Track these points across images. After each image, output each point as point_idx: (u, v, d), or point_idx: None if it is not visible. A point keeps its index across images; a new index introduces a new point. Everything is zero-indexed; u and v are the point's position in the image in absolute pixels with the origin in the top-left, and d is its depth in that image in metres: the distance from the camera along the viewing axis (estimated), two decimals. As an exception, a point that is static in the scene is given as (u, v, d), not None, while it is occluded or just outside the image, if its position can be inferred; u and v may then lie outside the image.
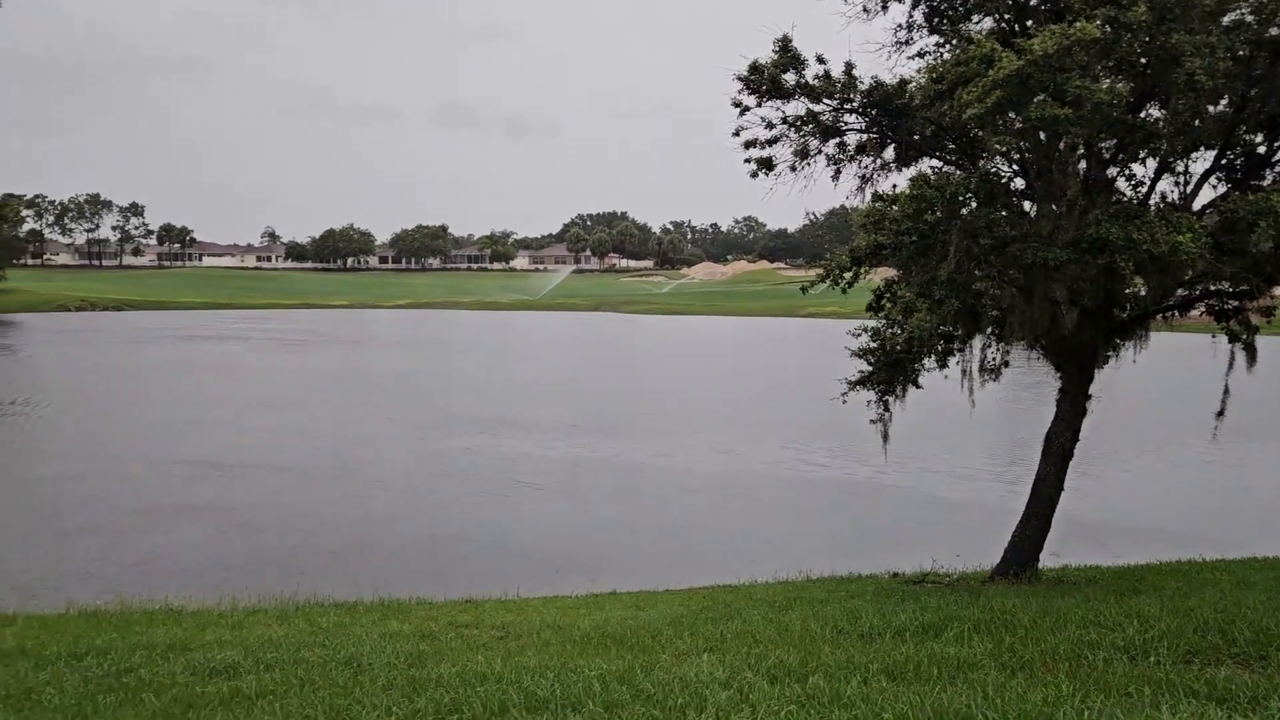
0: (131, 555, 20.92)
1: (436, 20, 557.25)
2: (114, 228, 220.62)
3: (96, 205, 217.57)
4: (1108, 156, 12.75)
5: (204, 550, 21.43)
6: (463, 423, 39.42)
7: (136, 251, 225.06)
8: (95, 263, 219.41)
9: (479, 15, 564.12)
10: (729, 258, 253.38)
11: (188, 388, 51.20)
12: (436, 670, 8.45)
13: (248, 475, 29.10)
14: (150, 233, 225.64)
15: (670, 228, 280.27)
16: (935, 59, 13.41)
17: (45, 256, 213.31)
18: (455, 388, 54.39)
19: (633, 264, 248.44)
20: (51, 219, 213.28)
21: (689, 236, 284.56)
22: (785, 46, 13.33)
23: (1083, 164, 12.68)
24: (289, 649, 9.87)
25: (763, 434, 37.37)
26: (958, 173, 13.13)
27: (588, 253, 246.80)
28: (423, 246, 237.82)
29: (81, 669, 9.07)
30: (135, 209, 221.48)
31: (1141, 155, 12.74)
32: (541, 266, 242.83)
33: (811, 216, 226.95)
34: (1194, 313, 14.37)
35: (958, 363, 14.80)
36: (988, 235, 12.00)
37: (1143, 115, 12.16)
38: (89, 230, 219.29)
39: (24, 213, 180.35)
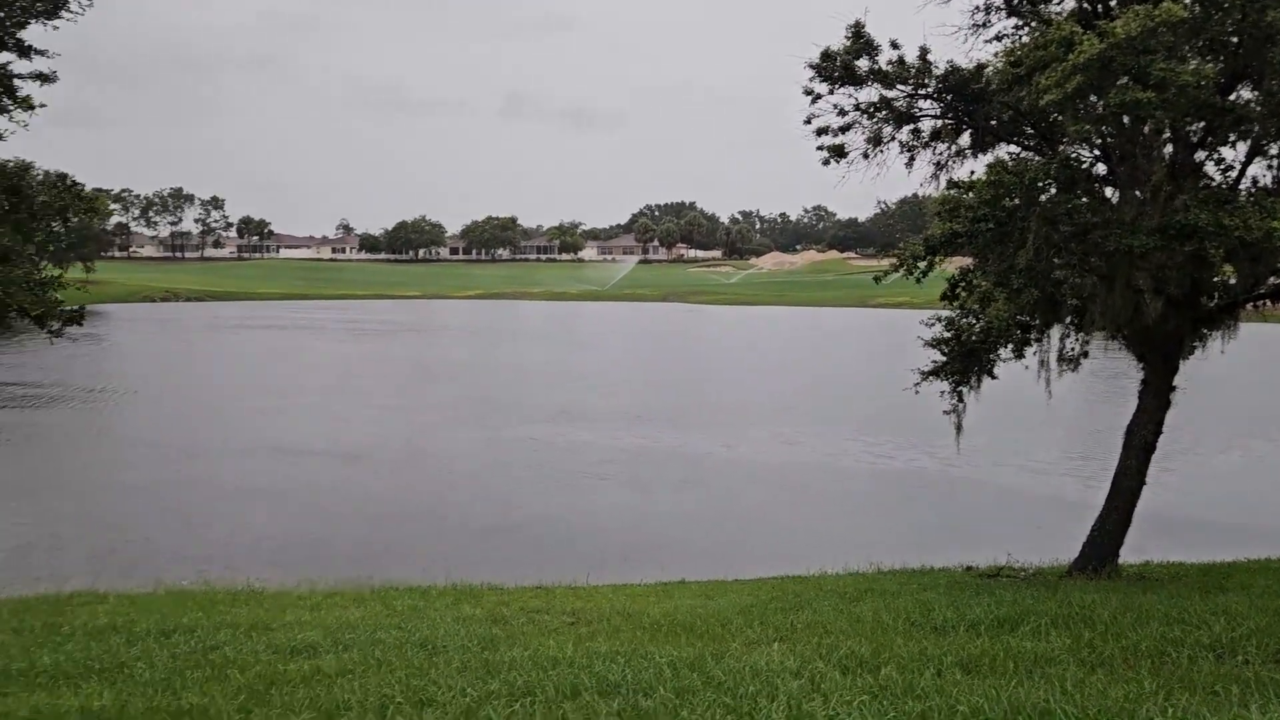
0: (212, 538, 21.58)
1: (500, 12, 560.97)
2: (196, 220, 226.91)
3: (179, 199, 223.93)
4: (1195, 140, 12.33)
5: (280, 533, 22.01)
6: (529, 412, 39.79)
7: (217, 244, 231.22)
8: (178, 255, 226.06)
9: (542, 6, 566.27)
10: (798, 247, 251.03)
11: (265, 375, 52.56)
12: (509, 654, 8.57)
13: (321, 461, 29.80)
14: (230, 225, 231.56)
15: (739, 218, 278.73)
16: (1013, 42, 13.12)
17: (131, 249, 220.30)
18: (522, 377, 54.90)
19: (701, 254, 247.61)
20: (137, 212, 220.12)
21: (757, 226, 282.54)
22: (858, 32, 13.15)
23: (1169, 148, 12.29)
24: (366, 630, 10.10)
25: (829, 425, 37.03)
26: (1036, 159, 12.84)
27: (655, 243, 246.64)
28: (492, 238, 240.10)
29: (170, 645, 9.38)
30: (216, 202, 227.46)
31: (1232, 139, 12.29)
32: (609, 257, 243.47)
33: (882, 205, 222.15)
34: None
35: (1034, 353, 14.49)
36: (1068, 222, 11.70)
37: (1233, 97, 11.73)
38: (172, 223, 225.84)
39: (112, 206, 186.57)
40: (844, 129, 13.68)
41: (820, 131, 13.67)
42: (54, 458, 30.36)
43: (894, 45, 13.25)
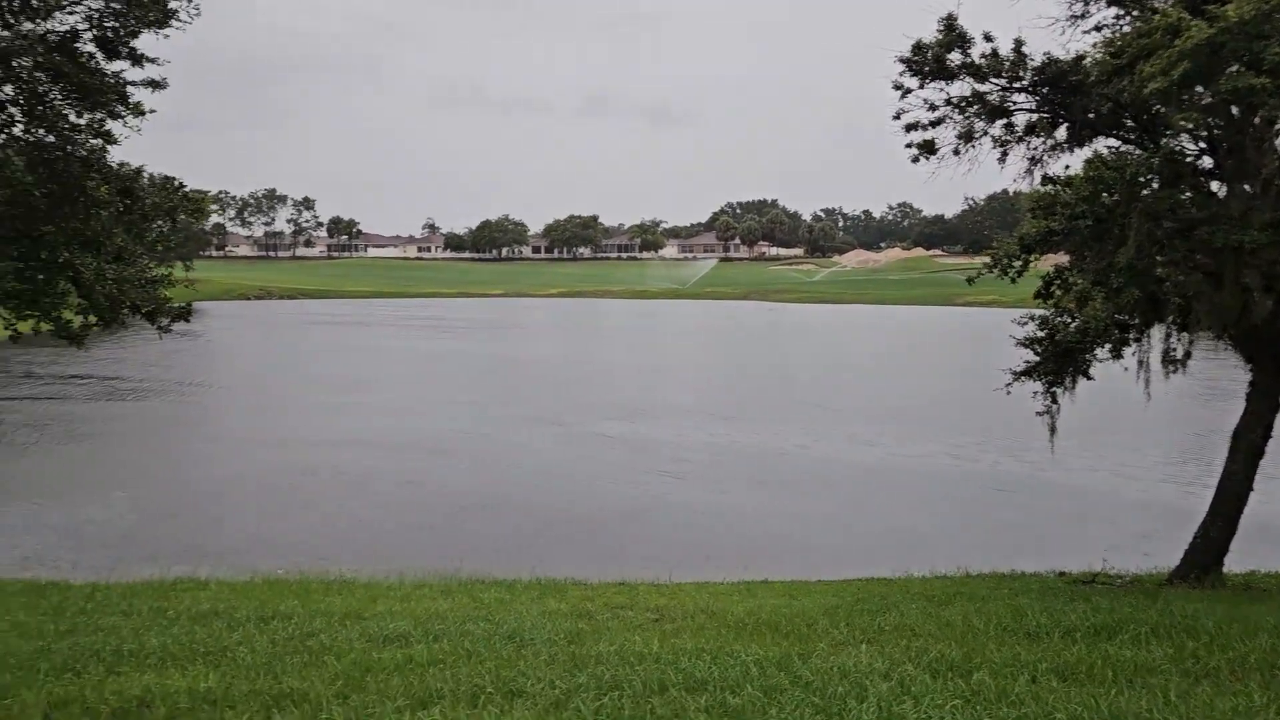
0: (303, 527, 22.22)
1: (580, 11, 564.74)
2: (288, 221, 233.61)
3: (273, 200, 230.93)
4: (1311, 130, 11.79)
5: (368, 525, 22.54)
6: (610, 409, 40.01)
7: (308, 243, 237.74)
8: (271, 254, 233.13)
9: (623, 5, 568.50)
10: (882, 245, 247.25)
11: (353, 370, 53.87)
12: (596, 648, 8.64)
13: (405, 455, 30.41)
14: (320, 225, 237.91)
15: (821, 215, 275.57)
16: (1114, 32, 12.71)
17: (227, 248, 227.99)
18: (604, 374, 55.23)
19: (783, 252, 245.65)
20: (233, 213, 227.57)
21: (840, 224, 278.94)
22: (950, 25, 12.91)
23: (1280, 140, 11.78)
24: (455, 621, 10.29)
25: (913, 424, 36.41)
26: (1138, 152, 12.42)
27: (736, 241, 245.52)
28: (574, 236, 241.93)
29: (269, 631, 9.70)
30: (307, 203, 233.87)
31: (1350, 129, 11.72)
32: (690, 255, 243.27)
33: (971, 201, 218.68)
34: None
35: (1133, 353, 14.04)
36: (1172, 218, 11.29)
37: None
38: (266, 223, 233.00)
39: (212, 206, 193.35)
40: (934, 124, 13.43)
41: (910, 127, 13.44)
42: (154, 448, 31.61)
43: (987, 38, 12.97)
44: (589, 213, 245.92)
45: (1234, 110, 11.01)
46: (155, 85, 10.40)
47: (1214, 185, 12.16)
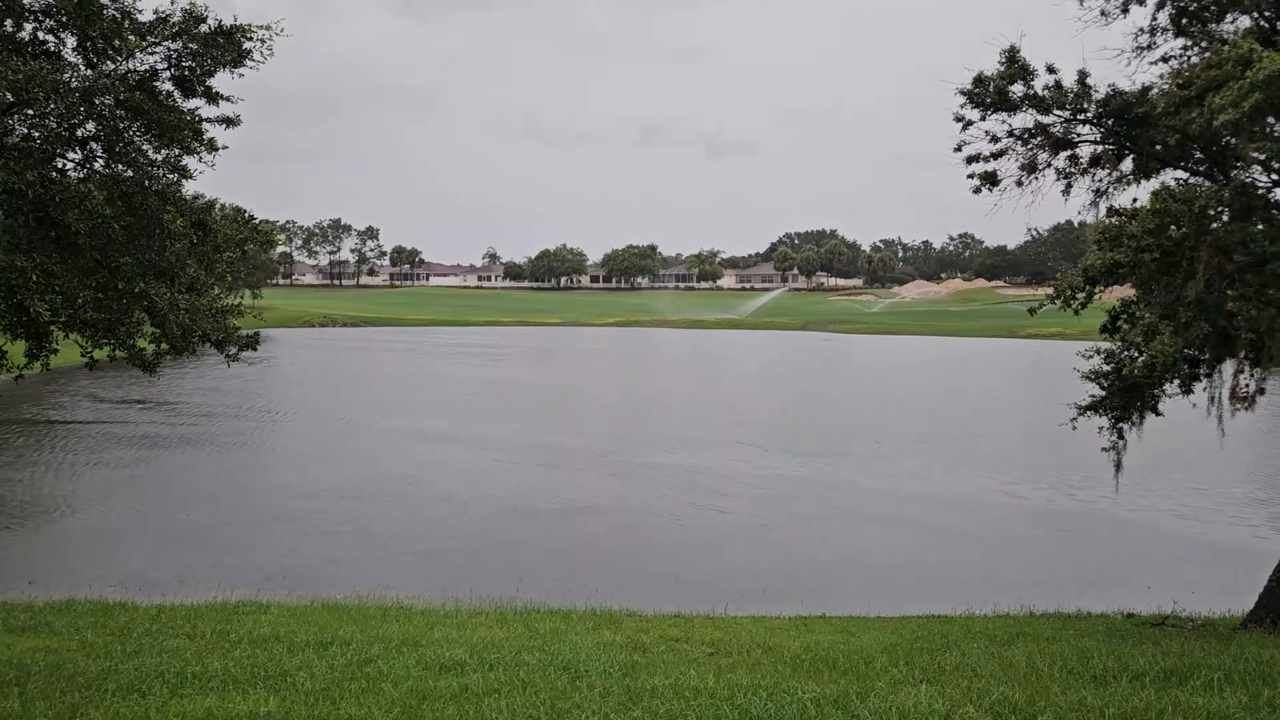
0: (359, 553, 22.49)
1: (635, 45, 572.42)
2: (352, 250, 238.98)
3: (338, 229, 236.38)
4: (1388, 162, 11.45)
5: (422, 553, 22.73)
6: (664, 440, 39.95)
7: (371, 271, 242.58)
8: (336, 282, 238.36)
9: (678, 38, 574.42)
10: (943, 276, 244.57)
11: (409, 397, 54.58)
12: (651, 681, 8.60)
13: (466, 481, 30.66)
14: (384, 254, 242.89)
15: (880, 245, 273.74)
16: (1181, 63, 12.51)
17: (294, 277, 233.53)
18: (659, 405, 55.22)
19: (841, 282, 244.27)
20: (300, 242, 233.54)
21: (900, 254, 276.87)
22: (1012, 57, 12.80)
23: (1358, 171, 11.45)
24: (510, 651, 10.33)
25: (976, 458, 35.76)
26: (1207, 184, 12.17)
27: (795, 271, 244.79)
28: (632, 266, 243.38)
29: (328, 657, 9.83)
30: (371, 232, 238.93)
31: None
32: (747, 285, 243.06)
33: (1034, 232, 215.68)
34: None
35: (1204, 389, 13.67)
36: (1243, 252, 11.03)
37: None
38: (331, 252, 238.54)
39: (279, 236, 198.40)
40: (996, 156, 13.31)
41: (971, 159, 13.33)
42: (215, 472, 32.29)
43: (1050, 69, 12.84)
44: (646, 242, 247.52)
45: (1309, 142, 10.75)
46: (229, 122, 10.76)
47: (1288, 218, 11.86)
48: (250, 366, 60.69)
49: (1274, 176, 11.98)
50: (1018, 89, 12.89)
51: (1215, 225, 11.26)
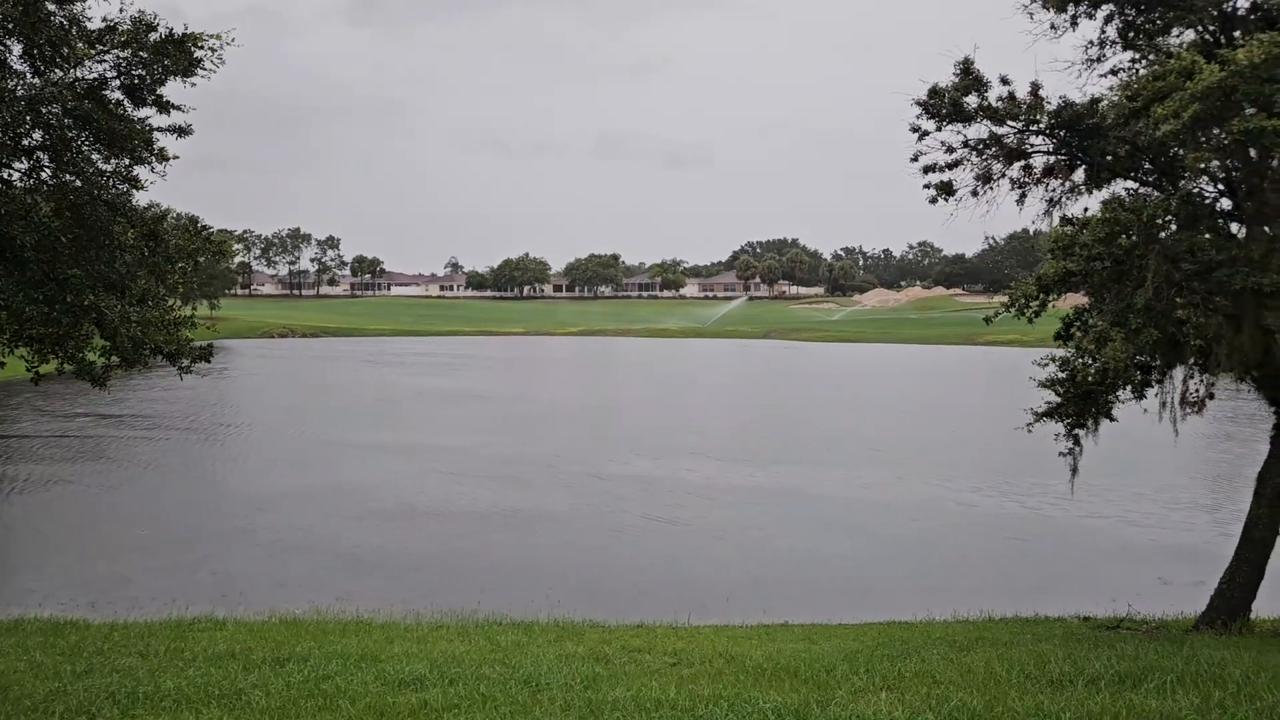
0: (317, 567, 22.21)
1: (598, 57, 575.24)
2: (312, 259, 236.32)
3: (297, 239, 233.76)
4: (1330, 173, 11.74)
5: (382, 566, 22.49)
6: (629, 450, 39.92)
7: (332, 281, 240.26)
8: (295, 292, 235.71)
9: (639, 51, 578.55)
10: (902, 284, 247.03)
11: (366, 409, 54.08)
12: (612, 694, 8.56)
13: (427, 497, 30.41)
14: (344, 264, 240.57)
15: (841, 254, 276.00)
16: (1130, 76, 12.76)
17: (252, 287, 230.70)
18: (619, 415, 55.18)
19: (803, 291, 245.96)
20: (258, 252, 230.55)
21: (861, 263, 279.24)
22: (967, 69, 12.98)
23: (1299, 181, 11.72)
24: (471, 665, 10.24)
25: (934, 465, 36.10)
26: (1155, 194, 12.41)
27: (757, 280, 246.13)
28: (595, 275, 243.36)
29: (284, 674, 9.68)
30: (331, 242, 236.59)
31: (1370, 172, 11.66)
32: (710, 294, 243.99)
33: (991, 241, 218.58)
34: None
35: (1156, 394, 13.92)
36: (1190, 260, 11.25)
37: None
38: (290, 262, 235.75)
39: (236, 247, 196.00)
40: (952, 166, 13.48)
41: (928, 169, 13.49)
42: (168, 487, 31.75)
43: (1004, 81, 13.05)
44: (609, 252, 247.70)
45: (1252, 153, 11.00)
46: (181, 131, 10.61)
47: (1234, 227, 12.12)
48: (204, 379, 59.94)
49: (1220, 187, 12.25)
50: (972, 100, 13.08)
51: (1163, 234, 11.49)
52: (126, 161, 10.40)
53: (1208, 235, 11.69)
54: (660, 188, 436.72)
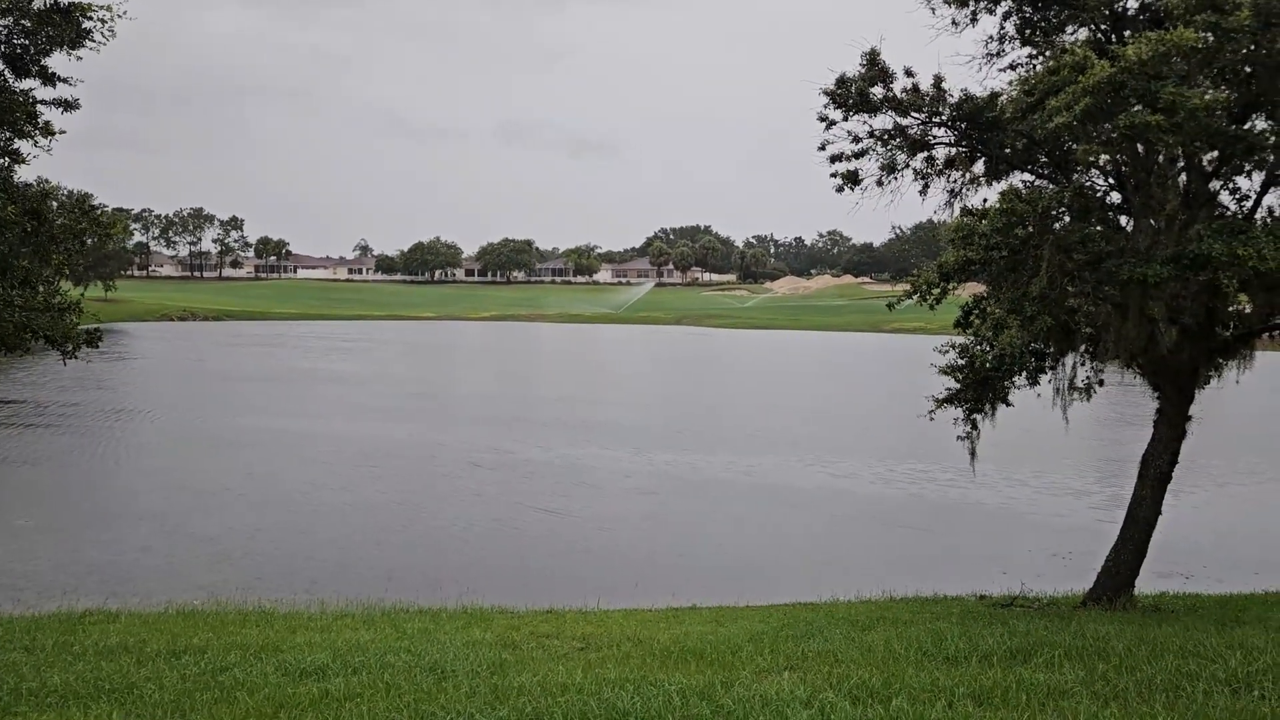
0: (214, 556, 21.61)
1: (507, 45, 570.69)
2: (214, 241, 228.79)
3: (199, 219, 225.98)
4: (1210, 169, 12.32)
5: (284, 553, 22.00)
6: (543, 432, 39.79)
7: (235, 264, 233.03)
8: (197, 274, 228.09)
9: (548, 39, 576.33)
10: (813, 272, 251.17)
11: (269, 396, 52.78)
12: (518, 679, 8.54)
13: (329, 474, 29.84)
14: (248, 246, 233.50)
15: (753, 242, 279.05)
16: (1028, 71, 13.16)
17: (150, 268, 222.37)
18: (531, 397, 54.95)
19: (715, 278, 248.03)
20: (157, 232, 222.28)
21: (772, 251, 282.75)
22: (873, 60, 13.22)
23: (1183, 177, 12.28)
24: (375, 653, 10.09)
25: (841, 450, 36.89)
26: (1050, 187, 12.84)
27: (670, 266, 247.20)
28: (508, 260, 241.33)
29: (180, 666, 9.40)
30: (235, 223, 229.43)
31: (1247, 168, 12.27)
32: (624, 280, 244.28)
33: (898, 231, 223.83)
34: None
35: (1049, 381, 14.43)
36: (1081, 250, 11.68)
37: (1248, 126, 11.72)
38: (191, 243, 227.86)
39: (132, 227, 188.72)
40: (858, 155, 13.72)
41: (834, 158, 13.71)
42: (63, 478, 30.52)
43: (908, 73, 13.32)
44: (523, 237, 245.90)
45: (1140, 148, 11.46)
46: (67, 105, 10.12)
47: (1123, 220, 12.63)
48: (93, 364, 57.73)
49: (1110, 180, 12.74)
50: (878, 91, 13.33)
51: (1057, 225, 11.90)
52: (8, 134, 9.88)
53: (1098, 227, 12.15)
54: (571, 174, 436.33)
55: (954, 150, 13.76)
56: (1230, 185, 12.58)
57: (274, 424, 41.61)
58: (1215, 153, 11.97)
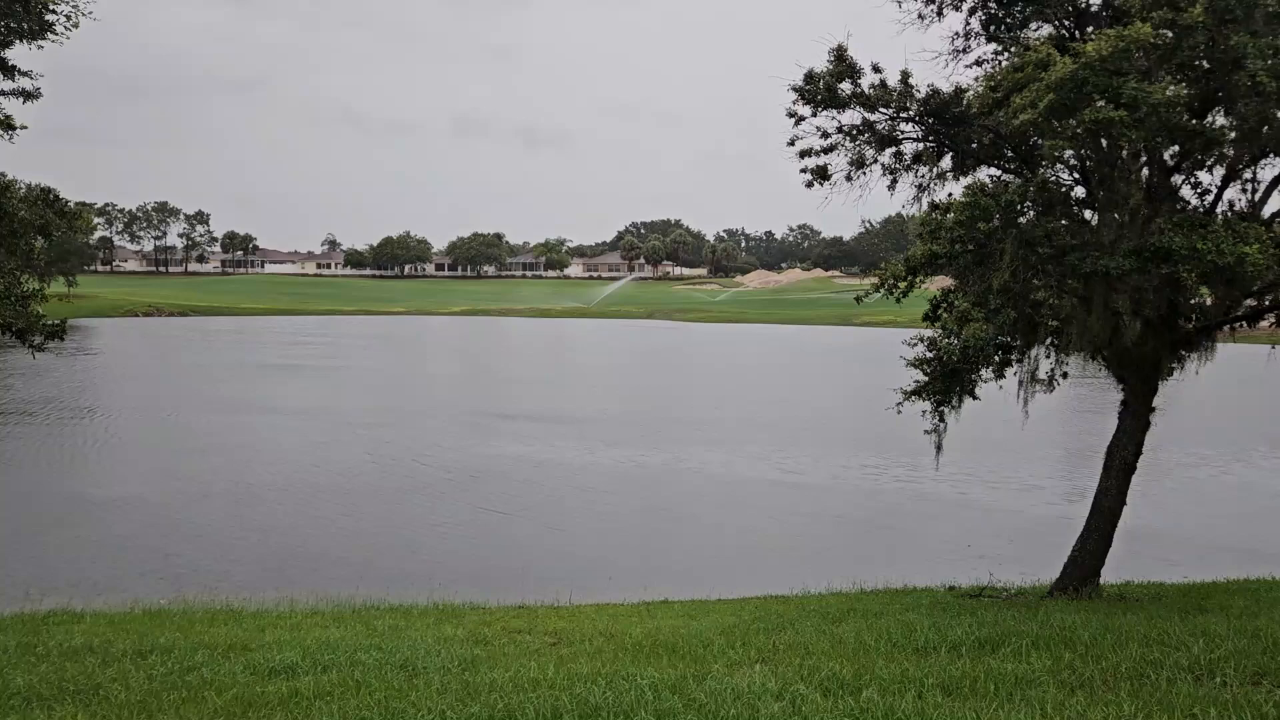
0: (185, 553, 21.39)
1: (461, 39, 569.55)
2: (180, 235, 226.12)
3: (164, 213, 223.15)
4: (1171, 164, 12.49)
5: (252, 552, 21.82)
6: (510, 429, 39.69)
7: (201, 258, 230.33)
8: (162, 269, 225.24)
9: (503, 34, 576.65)
10: (783, 266, 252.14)
11: (232, 389, 52.28)
12: (490, 675, 8.53)
13: (314, 476, 29.63)
14: (215, 240, 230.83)
15: (724, 236, 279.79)
16: (993, 67, 13.27)
17: (114, 263, 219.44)
18: (502, 392, 54.79)
19: (686, 272, 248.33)
20: (121, 226, 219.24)
21: (743, 244, 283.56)
22: (841, 55, 13.27)
23: (1145, 171, 12.44)
24: (345, 651, 10.04)
25: (813, 443, 37.11)
26: (1016, 181, 12.96)
27: (641, 260, 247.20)
28: (479, 254, 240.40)
29: (146, 667, 9.30)
30: (201, 217, 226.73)
31: (1208, 162, 12.45)
32: (595, 274, 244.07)
33: (867, 225, 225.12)
34: (1263, 324, 13.98)
35: (1015, 374, 14.58)
36: (1046, 244, 11.81)
37: (1207, 121, 11.90)
38: (157, 238, 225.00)
39: (95, 221, 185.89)
40: (827, 150, 13.78)
41: (804, 154, 13.75)
42: (12, 473, 30.07)
43: (876, 69, 13.38)
44: (493, 231, 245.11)
45: (1103, 143, 11.59)
46: (28, 95, 9.95)
47: (1087, 214, 12.77)
48: (59, 358, 56.88)
49: (1075, 175, 12.88)
50: (846, 86, 13.38)
51: (1022, 219, 12.02)
52: (-35, 128, 9.70)
53: (1063, 221, 12.29)
54: (532, 167, 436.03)
55: (921, 145, 13.85)
56: (1192, 180, 12.76)
57: (238, 420, 41.22)
58: (1176, 147, 12.14)
